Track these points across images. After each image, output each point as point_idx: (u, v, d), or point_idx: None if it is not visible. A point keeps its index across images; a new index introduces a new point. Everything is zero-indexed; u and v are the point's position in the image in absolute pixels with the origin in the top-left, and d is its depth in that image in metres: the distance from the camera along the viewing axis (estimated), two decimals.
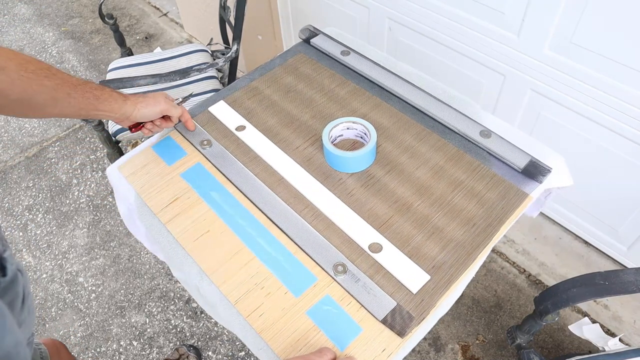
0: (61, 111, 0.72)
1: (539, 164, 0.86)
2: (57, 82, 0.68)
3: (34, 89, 0.65)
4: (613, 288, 0.92)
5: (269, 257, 0.78)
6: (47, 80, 0.67)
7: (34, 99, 0.66)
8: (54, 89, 0.68)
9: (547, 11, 1.13)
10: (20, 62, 0.64)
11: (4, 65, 0.62)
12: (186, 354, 1.45)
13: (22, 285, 0.49)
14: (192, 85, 1.56)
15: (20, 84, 0.63)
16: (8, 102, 0.64)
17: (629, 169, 1.25)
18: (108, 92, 0.78)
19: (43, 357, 0.78)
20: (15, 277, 0.46)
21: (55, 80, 0.68)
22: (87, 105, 0.74)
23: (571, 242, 1.60)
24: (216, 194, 0.88)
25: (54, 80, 0.68)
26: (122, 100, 0.79)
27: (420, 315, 0.70)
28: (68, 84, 0.70)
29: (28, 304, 0.52)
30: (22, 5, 3.06)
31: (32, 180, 2.04)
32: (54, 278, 1.71)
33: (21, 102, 0.65)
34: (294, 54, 1.14)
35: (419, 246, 0.78)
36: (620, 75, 1.10)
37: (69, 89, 0.70)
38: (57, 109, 0.71)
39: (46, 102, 0.68)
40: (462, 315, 1.49)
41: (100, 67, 2.56)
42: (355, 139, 0.95)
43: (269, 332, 0.70)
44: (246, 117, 1.01)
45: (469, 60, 1.41)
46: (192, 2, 2.31)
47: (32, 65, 0.66)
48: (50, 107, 0.69)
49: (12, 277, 0.46)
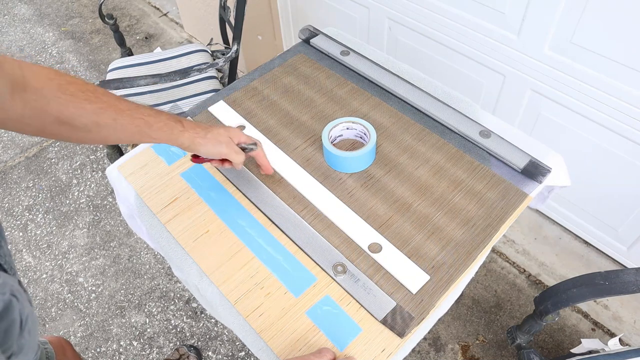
0: (108, 137, 0.68)
1: (538, 164, 0.86)
2: (100, 106, 0.64)
3: (72, 112, 0.62)
4: (613, 288, 0.92)
5: (268, 257, 0.78)
6: (87, 104, 0.63)
7: (72, 123, 0.63)
8: (95, 113, 0.64)
9: (547, 11, 1.13)
10: (60, 84, 0.61)
11: (42, 86, 0.60)
12: (187, 354, 1.45)
13: (18, 310, 0.46)
14: (192, 85, 1.56)
15: (57, 106, 0.60)
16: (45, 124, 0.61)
17: (628, 169, 1.25)
18: (164, 119, 0.71)
19: (49, 356, 0.77)
20: (8, 305, 0.44)
21: (98, 104, 0.64)
22: (137, 133, 0.69)
23: (571, 242, 1.60)
24: (216, 194, 0.88)
25: (97, 104, 0.64)
26: (178, 131, 0.72)
27: (420, 315, 0.70)
28: (113, 108, 0.66)
29: (29, 327, 0.50)
30: (22, 5, 3.07)
31: (32, 180, 2.04)
32: (54, 278, 1.71)
33: (59, 124, 0.62)
34: (294, 54, 1.14)
35: (418, 246, 0.78)
36: (620, 75, 1.10)
37: (115, 114, 0.66)
38: (102, 134, 0.66)
39: (87, 126, 0.64)
40: (462, 315, 1.49)
41: (100, 67, 2.56)
42: (355, 139, 0.95)
43: (268, 332, 0.70)
44: (246, 117, 1.01)
45: (469, 60, 1.41)
46: (192, 2, 2.31)
47: (74, 87, 0.62)
48: (93, 132, 0.65)
49: (4, 306, 0.44)
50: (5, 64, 0.57)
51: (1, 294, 0.42)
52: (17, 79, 0.58)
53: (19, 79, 0.58)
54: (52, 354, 0.78)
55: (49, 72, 0.62)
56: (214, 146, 0.75)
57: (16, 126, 0.61)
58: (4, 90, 0.57)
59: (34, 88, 0.59)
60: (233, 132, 0.79)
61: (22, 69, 0.59)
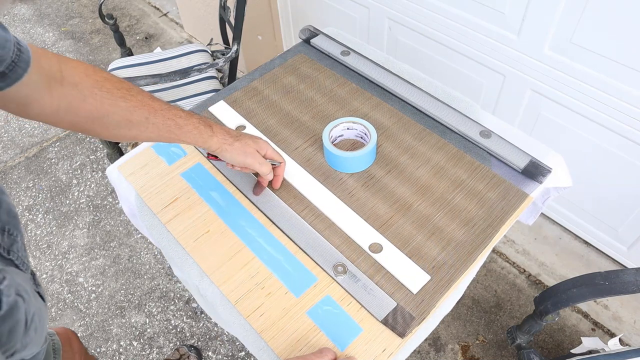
0: (138, 135, 0.68)
1: (539, 164, 0.86)
2: (134, 104, 0.65)
3: (106, 109, 0.63)
4: (613, 288, 0.92)
5: (269, 257, 0.78)
6: (122, 101, 0.64)
7: (106, 119, 0.63)
8: (129, 111, 0.64)
9: (547, 11, 1.13)
10: (97, 80, 0.62)
11: (79, 81, 0.60)
12: (187, 354, 1.45)
13: (23, 310, 0.46)
14: (192, 85, 1.56)
15: (92, 102, 0.61)
16: (79, 119, 0.62)
17: (629, 169, 1.25)
18: (195, 122, 0.72)
19: (55, 348, 0.77)
20: (13, 306, 0.44)
21: (133, 102, 0.65)
22: (167, 133, 0.70)
23: (571, 242, 1.60)
24: (216, 194, 0.88)
25: (131, 102, 0.64)
26: (208, 136, 0.73)
27: (421, 315, 0.70)
28: (147, 107, 0.66)
29: (35, 324, 0.50)
30: (22, 5, 3.06)
31: (32, 180, 2.04)
32: (54, 278, 1.71)
33: (92, 120, 0.62)
34: (294, 54, 1.14)
35: (419, 246, 0.78)
36: (620, 75, 1.10)
37: (148, 113, 0.66)
38: (133, 132, 0.67)
39: (120, 123, 0.65)
40: (462, 315, 1.49)
41: (100, 68, 2.55)
42: (356, 139, 0.95)
43: (269, 332, 0.70)
44: (246, 117, 1.01)
45: (469, 60, 1.41)
46: (192, 2, 2.31)
47: (110, 83, 0.63)
48: (125, 129, 0.66)
49: (9, 307, 0.44)
50: (43, 58, 0.58)
51: (6, 296, 0.42)
52: (54, 73, 0.59)
53: (57, 73, 0.59)
54: (59, 345, 0.78)
55: (86, 67, 0.62)
56: (239, 155, 0.76)
57: (50, 120, 0.61)
58: (41, 84, 0.57)
59: (70, 83, 0.60)
60: (261, 145, 0.79)
61: (59, 64, 0.60)
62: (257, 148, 0.78)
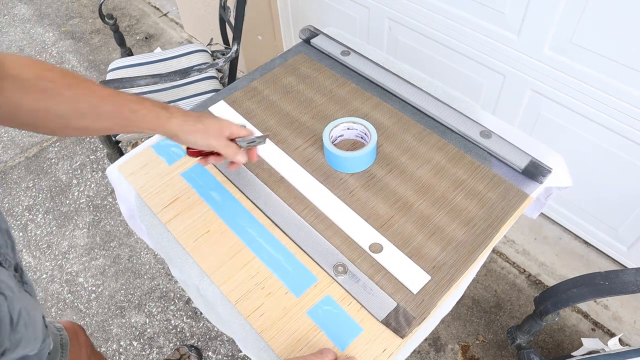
0: (90, 125, 0.64)
1: (539, 165, 0.86)
2: (80, 92, 0.61)
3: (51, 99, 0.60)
4: (613, 288, 0.92)
5: (269, 257, 0.78)
6: (67, 90, 0.60)
7: (51, 110, 0.60)
8: (75, 100, 0.61)
9: (547, 11, 1.13)
10: (38, 71, 0.59)
11: (18, 73, 0.58)
12: (187, 354, 1.45)
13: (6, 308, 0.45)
14: (192, 85, 1.56)
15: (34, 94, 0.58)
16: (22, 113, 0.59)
17: (629, 169, 1.25)
18: (148, 106, 0.67)
19: (63, 343, 0.77)
20: None
21: (78, 90, 0.61)
22: (121, 120, 0.65)
23: (571, 242, 1.60)
24: (216, 194, 0.88)
25: (77, 90, 0.61)
26: (165, 118, 0.69)
27: (421, 315, 0.70)
28: (94, 94, 0.63)
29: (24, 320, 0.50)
30: (22, 5, 3.06)
31: (32, 180, 2.04)
32: (54, 278, 1.71)
33: (36, 113, 0.59)
34: (294, 54, 1.14)
35: (419, 246, 0.78)
36: (620, 75, 1.10)
37: (96, 101, 0.63)
38: (84, 122, 0.63)
39: (68, 114, 0.61)
40: (462, 315, 1.49)
41: (100, 67, 2.55)
42: (356, 139, 0.95)
43: (269, 332, 0.70)
44: (246, 117, 1.01)
45: (469, 60, 1.41)
46: (192, 2, 2.31)
47: (52, 73, 0.60)
48: (75, 119, 0.62)
49: None
50: None
51: None
52: None
53: None
54: (67, 340, 0.78)
55: (27, 60, 0.60)
56: (202, 137, 0.71)
57: None
58: None
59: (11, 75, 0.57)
60: (225, 125, 0.74)
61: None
62: (221, 128, 0.74)
